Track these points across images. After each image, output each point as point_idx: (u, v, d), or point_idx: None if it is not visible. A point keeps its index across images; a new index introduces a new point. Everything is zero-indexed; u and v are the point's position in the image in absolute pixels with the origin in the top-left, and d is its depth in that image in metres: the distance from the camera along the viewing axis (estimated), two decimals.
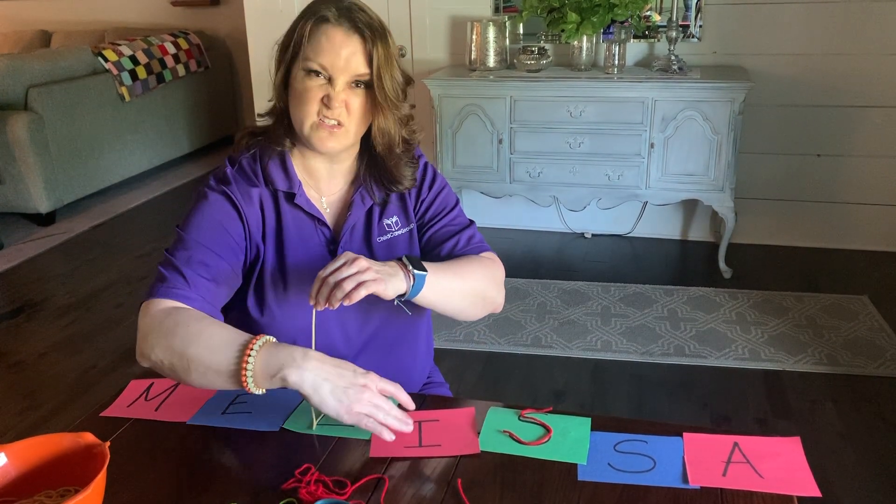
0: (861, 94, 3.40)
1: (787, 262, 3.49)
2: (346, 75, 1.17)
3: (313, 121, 1.19)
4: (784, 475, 0.99)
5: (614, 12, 3.19)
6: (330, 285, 1.08)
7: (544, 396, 2.51)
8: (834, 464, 2.13)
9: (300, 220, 1.28)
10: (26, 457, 0.95)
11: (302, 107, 1.19)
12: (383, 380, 1.06)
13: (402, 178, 1.30)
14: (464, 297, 1.27)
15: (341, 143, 1.22)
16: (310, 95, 1.17)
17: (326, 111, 1.18)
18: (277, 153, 1.26)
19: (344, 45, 1.16)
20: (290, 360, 1.02)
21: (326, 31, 1.16)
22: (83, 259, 3.82)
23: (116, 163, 4.75)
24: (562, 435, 1.09)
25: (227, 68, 5.80)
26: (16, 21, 6.09)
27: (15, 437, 2.23)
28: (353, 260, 1.09)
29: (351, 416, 1.02)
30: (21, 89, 4.14)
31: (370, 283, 1.08)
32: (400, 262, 1.15)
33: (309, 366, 1.02)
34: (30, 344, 2.98)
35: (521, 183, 3.43)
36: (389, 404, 1.06)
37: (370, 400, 1.03)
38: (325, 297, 1.08)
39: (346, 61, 1.16)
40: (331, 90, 1.17)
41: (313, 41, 1.16)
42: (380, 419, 1.04)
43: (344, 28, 1.16)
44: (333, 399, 1.01)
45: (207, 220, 1.21)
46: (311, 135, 1.20)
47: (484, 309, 1.32)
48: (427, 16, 3.78)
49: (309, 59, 1.16)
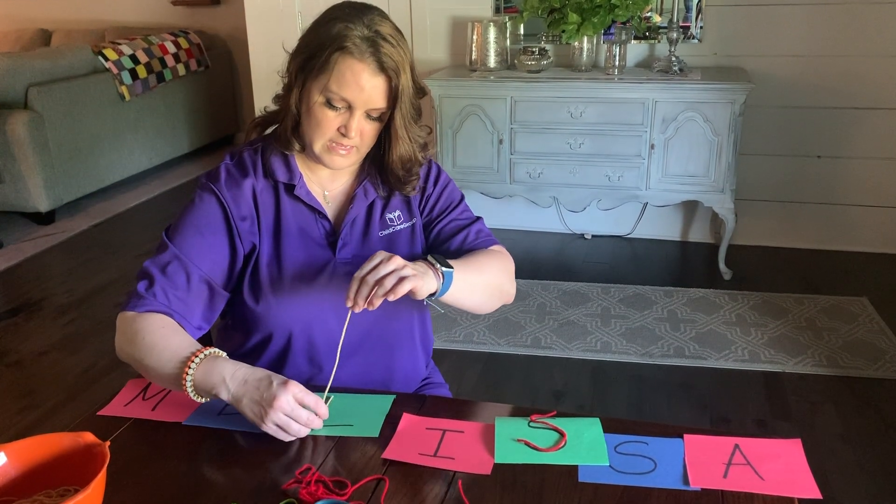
0: (861, 96, 3.40)
1: (787, 263, 3.50)
2: (365, 108, 1.19)
3: (325, 143, 1.21)
4: (785, 477, 0.98)
5: (615, 13, 3.19)
6: (370, 284, 1.08)
7: (544, 397, 2.51)
8: (834, 465, 2.13)
9: (300, 212, 1.29)
10: (26, 456, 0.95)
11: (317, 130, 1.21)
12: (304, 391, 1.08)
13: (409, 184, 1.32)
14: (483, 291, 1.28)
15: (352, 161, 1.26)
16: (326, 124, 1.20)
17: (341, 138, 1.20)
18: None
19: (369, 82, 1.17)
20: (220, 380, 1.09)
21: (352, 67, 1.15)
22: (83, 258, 3.82)
23: (116, 162, 4.75)
24: (577, 438, 1.08)
25: (227, 68, 5.80)
26: (16, 19, 6.08)
27: (14, 436, 2.23)
28: (388, 258, 1.10)
29: (265, 429, 1.07)
30: (21, 88, 4.14)
31: (411, 279, 1.09)
32: (427, 262, 1.16)
33: (233, 384, 1.08)
34: (29, 343, 2.98)
35: (522, 184, 3.43)
36: (307, 415, 1.08)
37: (282, 411, 1.06)
38: (365, 297, 1.09)
39: (369, 97, 1.18)
40: (350, 120, 1.19)
41: (336, 73, 1.16)
42: (292, 431, 1.07)
43: (370, 68, 1.16)
44: (249, 412, 1.07)
45: (189, 228, 1.24)
46: (322, 154, 1.23)
47: (500, 301, 1.34)
48: (428, 16, 3.78)
49: (332, 91, 1.17)
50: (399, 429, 1.11)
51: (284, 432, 1.07)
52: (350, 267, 1.29)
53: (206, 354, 1.11)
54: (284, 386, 1.06)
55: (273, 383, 1.07)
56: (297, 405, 1.07)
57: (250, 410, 1.07)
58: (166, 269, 1.21)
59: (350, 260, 1.30)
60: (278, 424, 1.06)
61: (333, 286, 1.28)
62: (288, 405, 1.05)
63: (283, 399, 1.05)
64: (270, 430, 1.07)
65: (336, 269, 1.29)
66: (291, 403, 1.06)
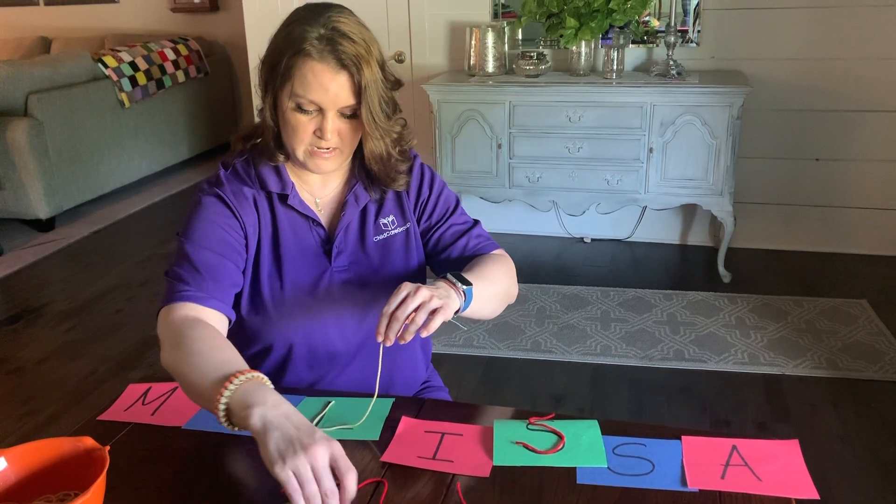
0: (859, 99, 3.40)
1: (786, 266, 3.50)
2: (336, 107, 1.18)
3: (306, 149, 1.21)
4: (782, 478, 0.99)
5: (613, 17, 3.20)
6: (400, 321, 1.06)
7: (544, 401, 2.51)
8: (833, 467, 2.13)
9: (295, 221, 1.29)
10: (26, 461, 0.95)
11: (294, 137, 1.20)
12: (344, 457, 0.91)
13: (396, 178, 1.31)
14: (496, 299, 1.28)
15: (337, 163, 1.25)
16: (301, 129, 1.19)
17: (320, 141, 1.19)
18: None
19: (332, 81, 1.16)
20: (260, 402, 0.93)
21: (312, 68, 1.15)
22: (82, 265, 3.83)
23: (116, 169, 4.76)
24: (575, 440, 1.08)
25: (226, 74, 5.81)
26: (16, 27, 6.10)
27: (15, 442, 2.22)
28: (414, 291, 1.08)
29: (280, 470, 0.87)
30: (21, 95, 4.15)
31: (441, 311, 1.08)
32: (447, 281, 1.16)
33: (273, 412, 0.93)
34: (29, 350, 2.98)
35: (521, 188, 3.43)
36: (330, 481, 0.88)
37: (312, 463, 0.88)
38: (396, 333, 1.06)
39: (336, 95, 1.17)
40: (323, 122, 1.18)
41: (300, 77, 1.15)
42: (306, 490, 0.87)
43: (330, 66, 1.15)
44: (273, 446, 0.89)
45: (205, 224, 1.22)
46: (306, 161, 1.22)
47: (506, 304, 1.34)
48: (426, 21, 3.79)
49: (298, 95, 1.16)
50: (398, 432, 1.12)
51: (297, 487, 0.87)
52: (346, 275, 1.30)
53: (254, 376, 0.99)
54: (328, 441, 0.90)
55: (317, 433, 0.91)
56: (328, 469, 0.89)
57: (275, 444, 0.89)
58: (194, 261, 1.18)
59: (346, 267, 1.30)
60: (297, 475, 0.87)
61: (331, 295, 1.28)
62: (322, 460, 0.88)
63: (321, 451, 0.88)
64: (285, 475, 0.87)
65: (333, 277, 1.30)
66: (325, 461, 0.89)
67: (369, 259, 1.31)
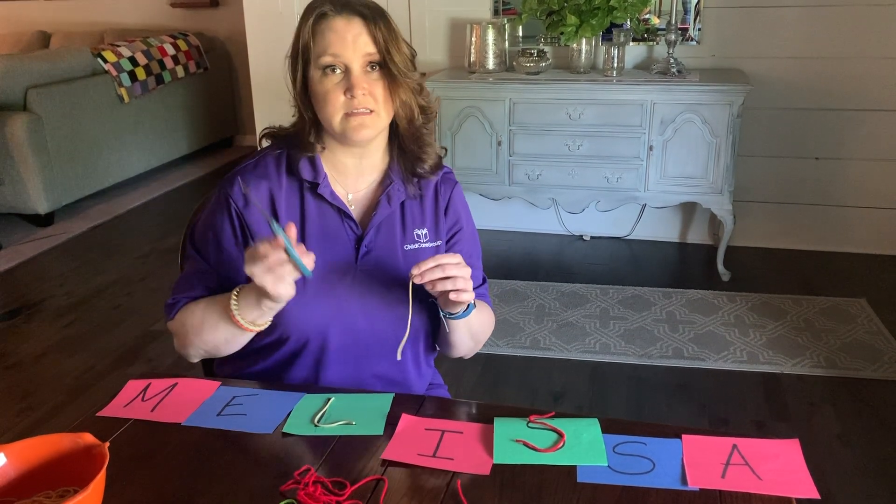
0: (859, 98, 3.40)
1: (785, 264, 3.50)
2: (358, 58, 1.21)
3: (342, 114, 1.23)
4: (782, 477, 0.99)
5: (613, 15, 3.20)
6: (444, 273, 1.14)
7: (543, 398, 2.51)
8: (832, 466, 2.13)
9: (325, 212, 1.29)
10: (25, 457, 0.95)
11: (328, 106, 1.22)
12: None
13: (425, 153, 1.32)
14: (472, 335, 1.34)
15: (375, 127, 1.26)
16: (332, 93, 1.22)
17: (353, 102, 1.21)
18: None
19: (348, 29, 1.21)
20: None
21: (329, 24, 1.21)
22: (82, 260, 3.82)
23: (115, 164, 4.75)
24: (575, 438, 1.08)
25: (226, 70, 5.81)
26: (15, 22, 6.09)
27: (14, 438, 2.22)
28: (463, 264, 1.17)
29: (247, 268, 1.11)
30: (20, 90, 4.14)
31: (470, 293, 1.18)
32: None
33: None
34: (28, 345, 2.98)
35: (520, 185, 3.43)
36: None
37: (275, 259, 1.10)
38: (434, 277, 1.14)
39: (354, 43, 1.20)
40: (350, 81, 1.21)
41: (318, 38, 1.21)
42: (269, 261, 1.10)
43: (344, 16, 1.21)
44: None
45: (202, 234, 1.32)
46: (344, 127, 1.23)
47: (471, 352, 1.40)
48: (426, 18, 3.79)
49: (320, 55, 1.21)
50: (398, 429, 1.11)
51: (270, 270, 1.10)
52: (370, 275, 1.29)
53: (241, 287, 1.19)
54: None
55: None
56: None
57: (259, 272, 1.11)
58: (192, 274, 1.30)
59: (371, 270, 1.29)
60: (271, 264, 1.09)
61: (352, 293, 1.27)
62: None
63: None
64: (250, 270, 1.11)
65: (356, 276, 1.28)
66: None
67: (396, 264, 1.30)
